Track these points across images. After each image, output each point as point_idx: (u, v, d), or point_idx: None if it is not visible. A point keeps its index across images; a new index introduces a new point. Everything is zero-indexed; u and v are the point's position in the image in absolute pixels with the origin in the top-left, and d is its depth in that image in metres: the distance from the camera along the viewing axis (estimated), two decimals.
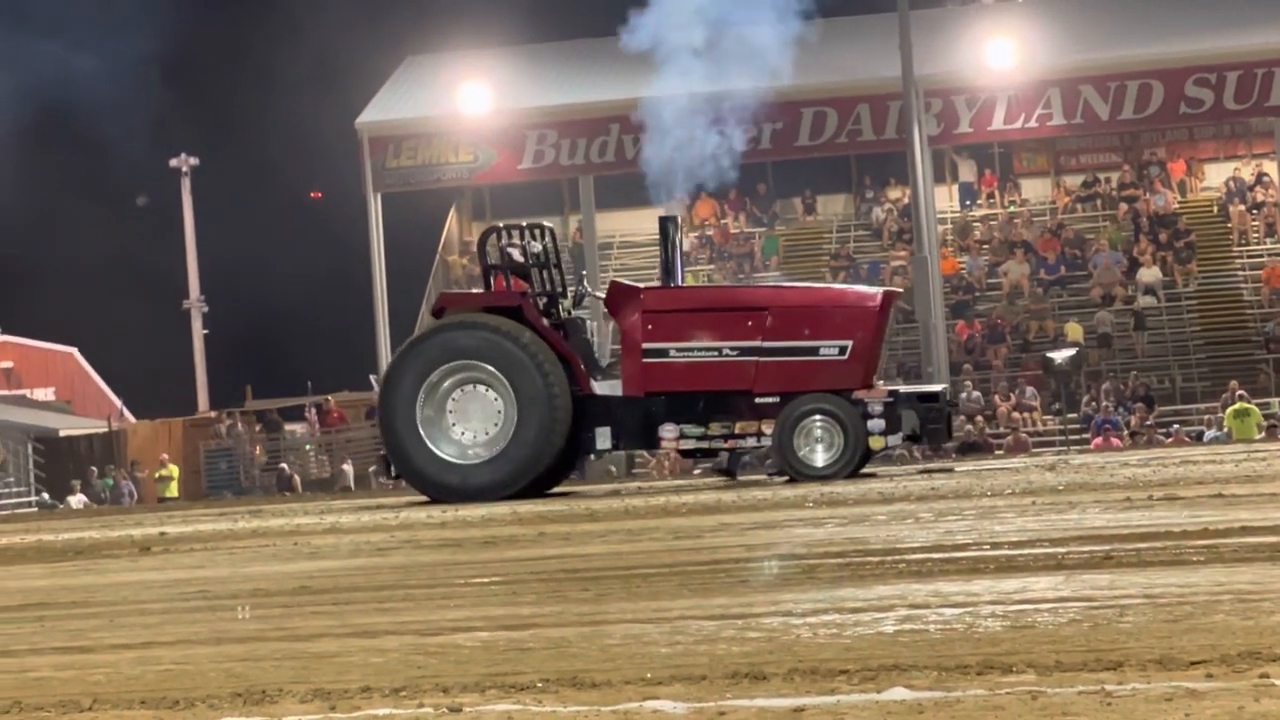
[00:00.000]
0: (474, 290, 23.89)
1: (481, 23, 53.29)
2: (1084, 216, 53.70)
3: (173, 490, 45.88)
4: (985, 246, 53.08)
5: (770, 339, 21.65)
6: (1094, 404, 44.13)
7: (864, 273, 53.03)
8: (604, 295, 22.73)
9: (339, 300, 59.43)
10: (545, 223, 23.50)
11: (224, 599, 11.34)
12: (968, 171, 55.11)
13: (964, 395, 45.53)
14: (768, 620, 8.57)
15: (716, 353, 21.72)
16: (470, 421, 21.83)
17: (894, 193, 54.76)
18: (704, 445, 22.01)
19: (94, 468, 48.28)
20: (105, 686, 7.74)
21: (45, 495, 46.82)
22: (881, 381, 22.63)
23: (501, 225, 22.92)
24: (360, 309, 51.53)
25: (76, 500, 44.42)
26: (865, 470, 22.04)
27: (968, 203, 54.85)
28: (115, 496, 45.98)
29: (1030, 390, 45.60)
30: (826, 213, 56.16)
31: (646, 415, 21.85)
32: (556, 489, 22.89)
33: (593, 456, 24.24)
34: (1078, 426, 42.78)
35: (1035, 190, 55.12)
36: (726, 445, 21.96)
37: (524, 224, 23.06)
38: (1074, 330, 48.56)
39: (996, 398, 45.65)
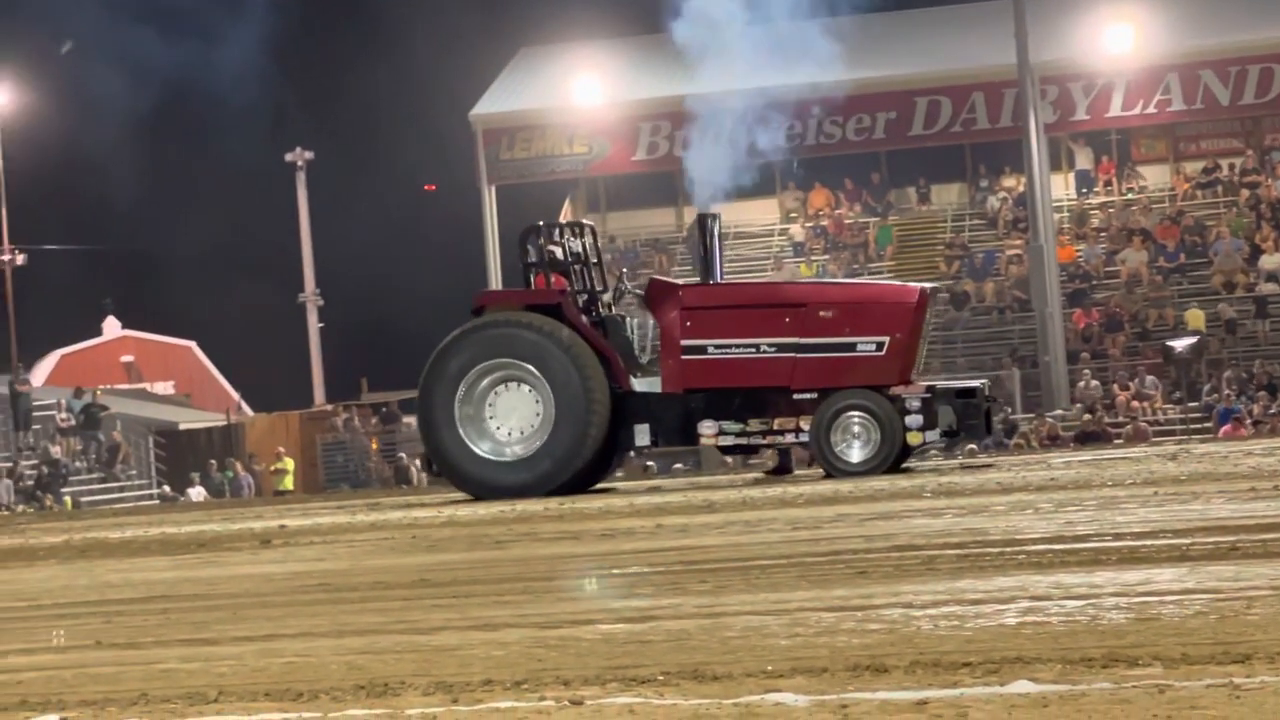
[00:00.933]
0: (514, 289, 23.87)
1: (594, 14, 53.35)
2: (1204, 203, 53.13)
3: (288, 483, 46.21)
4: (1103, 234, 52.63)
5: (808, 335, 21.69)
6: (1215, 393, 43.65)
7: (979, 262, 52.75)
8: (643, 292, 22.81)
9: (453, 293, 59.57)
10: (586, 221, 23.57)
11: (344, 592, 11.41)
12: (1084, 159, 54.63)
13: (1081, 384, 45.19)
14: (888, 612, 8.53)
15: (755, 349, 21.77)
16: (509, 419, 21.90)
17: (1009, 181, 54.37)
18: (742, 441, 22.10)
19: (213, 460, 48.71)
20: (230, 679, 7.80)
21: (166, 488, 47.29)
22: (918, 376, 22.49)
23: (541, 223, 22.98)
24: None
25: (196, 493, 44.84)
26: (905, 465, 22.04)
27: (1084, 190, 54.38)
28: (234, 489, 46.37)
29: (1150, 379, 45.16)
30: (941, 202, 55.84)
31: (685, 412, 21.91)
32: (602, 484, 22.92)
33: (632, 453, 24.30)
34: (1199, 415, 42.36)
35: (1154, 177, 54.57)
36: (765, 441, 22.06)
37: (564, 222, 23.11)
38: (1194, 318, 48.03)
39: (1115, 386, 45.25)
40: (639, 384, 21.98)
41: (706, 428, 21.85)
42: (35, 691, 7.75)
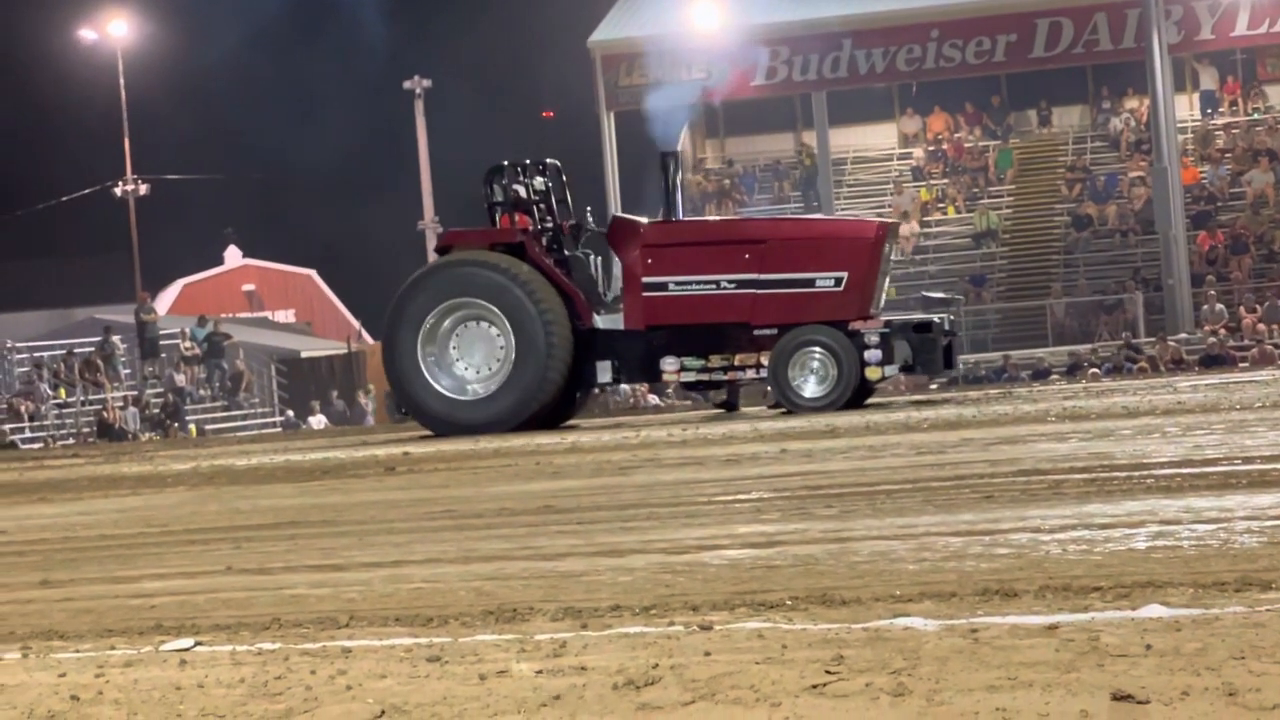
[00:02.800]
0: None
1: None
2: None
3: None
4: (1228, 155, 51.95)
5: (767, 271, 21.78)
6: None
7: (1101, 184, 52.23)
8: (606, 230, 22.80)
9: None
10: (550, 159, 23.59)
11: (469, 518, 11.47)
12: (1209, 79, 53.90)
13: (1206, 307, 44.72)
14: (1015, 537, 8.48)
15: (715, 285, 21.94)
16: (473, 358, 22.22)
17: (1132, 103, 53.76)
18: (704, 377, 22.28)
19: (334, 390, 49.07)
20: (360, 604, 7.86)
21: (290, 413, 47.70)
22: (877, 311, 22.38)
23: (506, 162, 23.01)
24: None
25: (317, 420, 45.22)
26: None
27: (1209, 111, 53.67)
28: (358, 416, 46.73)
29: None
30: (1062, 124, 55.27)
31: (647, 348, 22.17)
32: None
33: (595, 390, 24.43)
34: None
35: None
36: (726, 377, 22.18)
37: (528, 160, 23.16)
38: None
39: (1241, 309, 44.74)
40: (602, 321, 22.25)
41: (668, 364, 22.13)
42: (169, 616, 7.85)
